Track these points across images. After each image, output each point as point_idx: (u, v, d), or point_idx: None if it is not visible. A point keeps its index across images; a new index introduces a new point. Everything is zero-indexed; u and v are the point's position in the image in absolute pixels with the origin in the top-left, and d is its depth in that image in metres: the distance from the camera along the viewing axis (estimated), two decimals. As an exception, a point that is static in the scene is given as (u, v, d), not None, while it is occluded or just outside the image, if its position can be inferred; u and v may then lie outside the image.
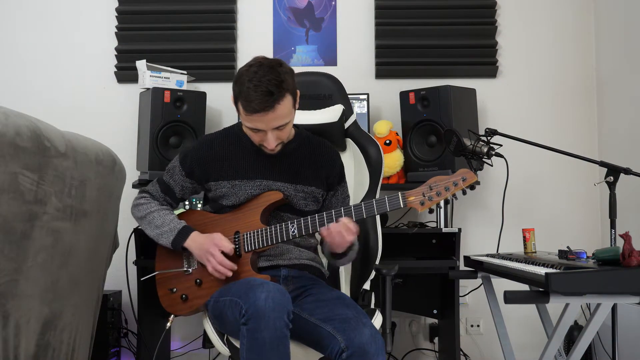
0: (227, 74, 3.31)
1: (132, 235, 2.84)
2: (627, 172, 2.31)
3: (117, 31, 3.34)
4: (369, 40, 3.37)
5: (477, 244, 3.24)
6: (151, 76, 3.02)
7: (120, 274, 2.84)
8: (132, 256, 2.84)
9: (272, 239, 1.99)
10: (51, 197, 1.79)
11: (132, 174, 2.93)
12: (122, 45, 3.35)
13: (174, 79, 3.07)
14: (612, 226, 2.32)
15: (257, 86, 1.87)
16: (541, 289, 1.96)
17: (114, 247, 2.45)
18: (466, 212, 3.29)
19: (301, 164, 2.12)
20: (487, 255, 2.58)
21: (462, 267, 2.68)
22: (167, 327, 2.09)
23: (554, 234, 3.12)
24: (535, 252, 2.49)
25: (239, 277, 1.98)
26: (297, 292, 2.03)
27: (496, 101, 3.33)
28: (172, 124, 2.95)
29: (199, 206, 2.89)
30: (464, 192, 1.92)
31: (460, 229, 2.86)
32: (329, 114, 2.41)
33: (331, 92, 2.47)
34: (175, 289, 2.10)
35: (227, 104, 3.22)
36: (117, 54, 3.35)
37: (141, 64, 3.05)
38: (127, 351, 3.10)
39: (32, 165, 1.69)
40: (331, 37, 3.38)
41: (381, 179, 2.40)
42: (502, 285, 2.31)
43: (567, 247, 2.23)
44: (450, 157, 2.83)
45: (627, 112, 3.07)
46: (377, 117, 3.24)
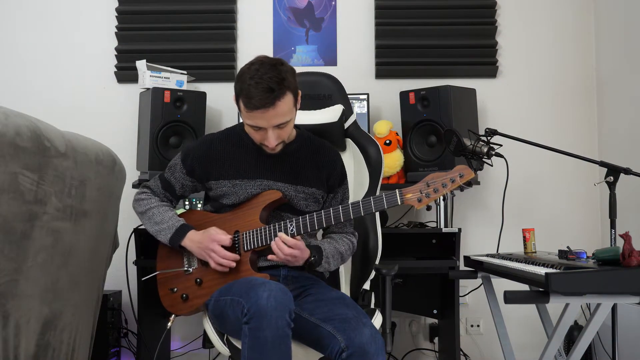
0: (227, 74, 3.31)
1: (132, 235, 2.84)
2: (627, 172, 2.31)
3: (117, 31, 3.34)
4: (369, 40, 3.37)
5: (477, 244, 3.24)
6: (151, 76, 3.02)
7: (120, 274, 2.84)
8: (132, 256, 2.84)
9: (271, 237, 1.99)
10: (51, 197, 1.79)
11: (132, 174, 2.93)
12: (122, 45, 3.35)
13: (174, 79, 3.07)
14: (612, 226, 2.32)
15: (258, 83, 1.88)
16: (541, 289, 1.96)
17: (114, 247, 2.45)
18: (466, 212, 3.29)
19: (302, 165, 2.12)
20: (487, 255, 2.57)
21: (462, 267, 2.68)
22: (168, 327, 2.10)
23: (554, 234, 3.12)
24: (535, 252, 2.49)
25: (239, 277, 1.98)
26: (297, 292, 2.03)
27: (496, 101, 3.33)
28: (172, 124, 2.96)
29: (199, 206, 2.89)
30: (462, 189, 1.91)
31: (460, 229, 2.86)
32: (329, 114, 2.41)
33: (331, 92, 2.47)
34: (175, 289, 2.10)
35: (227, 104, 3.27)
36: (117, 54, 3.35)
37: (141, 64, 3.05)
38: (127, 351, 3.10)
39: (32, 165, 1.69)
40: (331, 37, 3.38)
41: (381, 179, 2.40)
42: (502, 285, 2.31)
43: (567, 247, 2.23)
44: (450, 157, 2.83)
45: (627, 112, 3.07)
46: (377, 117, 3.24)
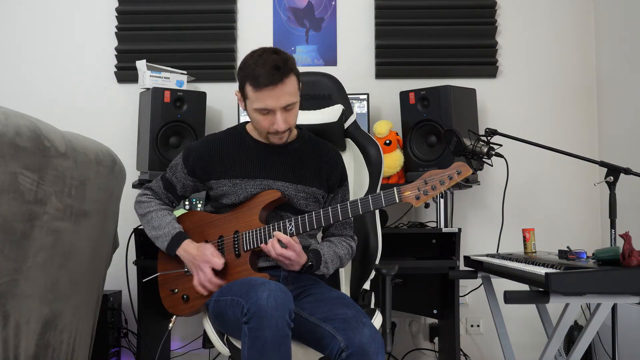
0: (227, 74, 3.31)
1: (132, 235, 2.84)
2: (627, 172, 2.31)
3: (117, 31, 3.34)
4: (369, 40, 3.37)
5: (477, 244, 3.24)
6: (151, 76, 3.02)
7: (120, 274, 2.84)
8: (132, 256, 2.85)
9: (271, 237, 1.99)
10: (51, 197, 1.79)
11: (132, 174, 2.93)
12: (122, 45, 3.35)
13: (174, 79, 3.07)
14: (612, 226, 2.32)
15: (264, 64, 1.92)
16: (541, 289, 1.96)
17: (114, 247, 2.45)
18: (466, 212, 3.29)
19: (303, 165, 2.12)
20: (487, 255, 2.57)
21: (462, 267, 2.68)
22: (169, 328, 2.10)
23: (554, 234, 3.12)
24: (535, 252, 2.49)
25: (238, 277, 1.98)
26: (297, 292, 2.02)
27: (496, 101, 3.33)
28: (172, 124, 2.96)
29: (199, 206, 2.89)
30: (460, 187, 1.91)
31: (460, 229, 2.86)
32: (329, 114, 2.40)
33: (331, 92, 2.47)
34: (176, 290, 2.10)
35: (227, 104, 3.28)
36: (117, 54, 3.35)
37: (141, 64, 3.05)
38: (127, 351, 3.10)
39: (32, 165, 1.68)
40: (331, 37, 3.38)
41: (381, 179, 2.40)
42: (502, 285, 2.31)
43: (567, 247, 2.23)
44: (450, 157, 2.82)
45: (627, 112, 3.07)
46: (377, 117, 3.24)
